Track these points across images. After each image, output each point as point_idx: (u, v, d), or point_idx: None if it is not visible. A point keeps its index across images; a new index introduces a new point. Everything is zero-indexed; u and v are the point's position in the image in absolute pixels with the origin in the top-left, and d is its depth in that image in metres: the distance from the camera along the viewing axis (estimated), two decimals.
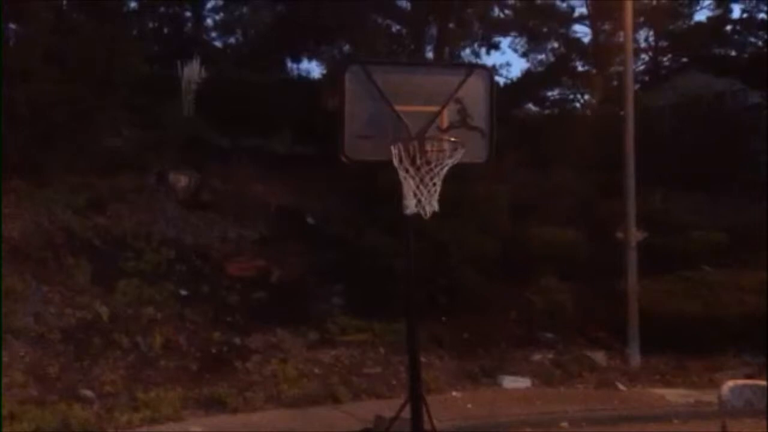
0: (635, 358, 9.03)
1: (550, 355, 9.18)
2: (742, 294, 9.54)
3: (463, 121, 5.25)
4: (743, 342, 8.94)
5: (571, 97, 21.23)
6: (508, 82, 20.91)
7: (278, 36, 18.24)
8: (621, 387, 8.40)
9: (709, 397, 7.44)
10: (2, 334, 7.49)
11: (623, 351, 9.19)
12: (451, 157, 5.09)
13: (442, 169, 5.10)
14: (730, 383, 6.88)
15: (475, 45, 20.17)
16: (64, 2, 12.28)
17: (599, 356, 9.15)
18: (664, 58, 21.89)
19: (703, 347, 8.92)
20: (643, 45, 21.41)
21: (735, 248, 10.75)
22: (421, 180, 5.06)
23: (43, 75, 10.43)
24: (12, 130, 10.05)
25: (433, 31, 18.88)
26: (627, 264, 9.25)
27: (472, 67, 5.86)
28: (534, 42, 21.73)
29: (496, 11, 20.53)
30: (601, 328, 9.70)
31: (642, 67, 21.59)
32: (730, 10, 20.48)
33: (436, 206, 5.07)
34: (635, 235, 9.37)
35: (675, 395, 8.06)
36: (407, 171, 5.05)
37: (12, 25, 11.73)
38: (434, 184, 5.08)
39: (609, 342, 9.49)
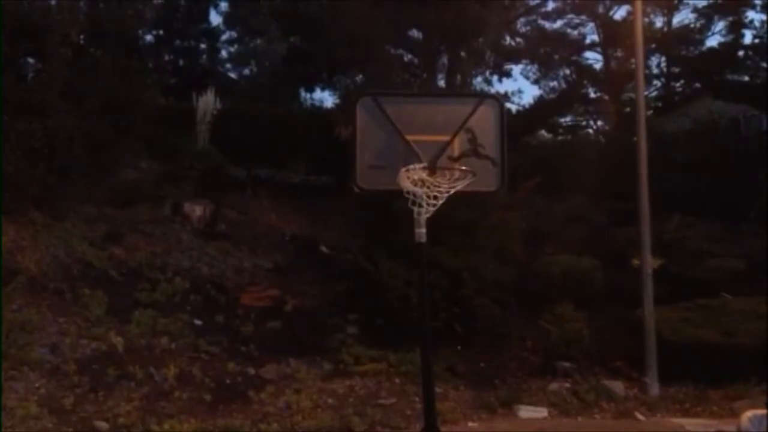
0: (654, 388, 8.89)
1: (567, 385, 9.05)
2: (761, 322, 9.39)
3: (474, 150, 5.28)
4: (763, 370, 8.79)
5: (584, 123, 21.30)
6: (521, 109, 21.06)
7: (292, 67, 18.47)
8: (640, 417, 8.27)
9: (729, 426, 7.29)
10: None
11: (641, 380, 9.05)
12: (462, 182, 5.12)
13: None
14: (750, 413, 6.74)
15: (487, 73, 20.33)
16: (82, 37, 12.51)
17: (617, 386, 9.00)
18: (677, 84, 21.91)
19: (722, 376, 8.78)
20: (655, 71, 21.46)
21: (753, 275, 10.62)
22: (434, 208, 5.10)
23: (61, 109, 10.59)
24: (30, 164, 10.19)
25: (445, 60, 19.01)
26: (643, 292, 9.16)
27: (482, 97, 5.90)
28: (546, 69, 21.86)
29: (508, 39, 20.71)
30: (618, 357, 9.57)
31: (655, 93, 21.62)
32: (742, 36, 20.56)
33: None
34: (651, 263, 9.28)
35: (695, 425, 7.91)
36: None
37: (30, 60, 11.96)
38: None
39: (627, 371, 9.35)
